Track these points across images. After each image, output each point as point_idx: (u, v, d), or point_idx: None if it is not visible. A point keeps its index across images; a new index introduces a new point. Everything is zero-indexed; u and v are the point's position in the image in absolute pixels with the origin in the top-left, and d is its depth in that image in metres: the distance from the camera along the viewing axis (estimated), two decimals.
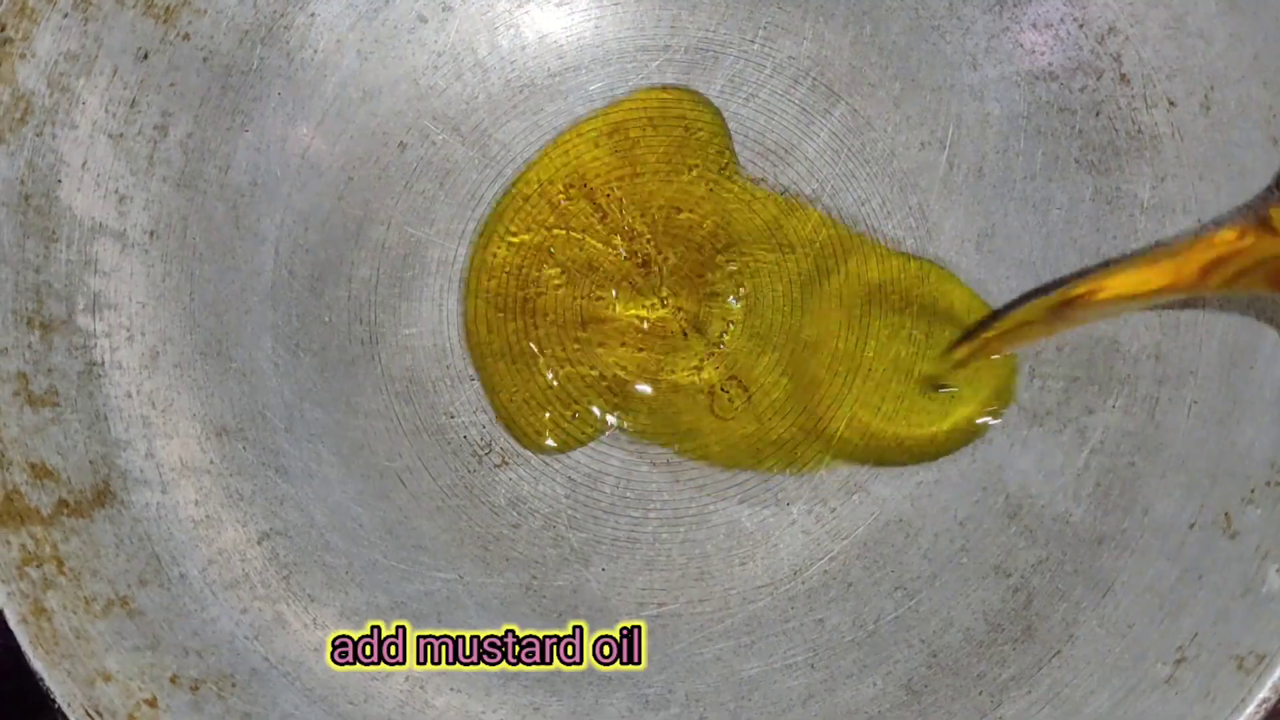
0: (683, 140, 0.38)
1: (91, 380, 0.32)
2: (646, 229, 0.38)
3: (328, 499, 0.35)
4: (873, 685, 0.33)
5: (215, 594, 0.32)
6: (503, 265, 0.38)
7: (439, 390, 0.37)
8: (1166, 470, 0.32)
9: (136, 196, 0.34)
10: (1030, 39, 0.36)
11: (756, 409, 0.37)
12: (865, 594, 0.35)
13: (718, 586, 0.36)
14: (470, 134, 0.38)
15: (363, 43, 0.37)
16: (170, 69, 0.34)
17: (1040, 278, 0.36)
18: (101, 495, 0.31)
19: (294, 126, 0.37)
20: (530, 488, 0.37)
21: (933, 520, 0.35)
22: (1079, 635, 0.31)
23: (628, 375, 0.37)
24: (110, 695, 0.28)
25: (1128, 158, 0.35)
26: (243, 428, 0.35)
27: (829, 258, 0.38)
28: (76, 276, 0.32)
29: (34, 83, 0.31)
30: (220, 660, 0.31)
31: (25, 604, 0.28)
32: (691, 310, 0.37)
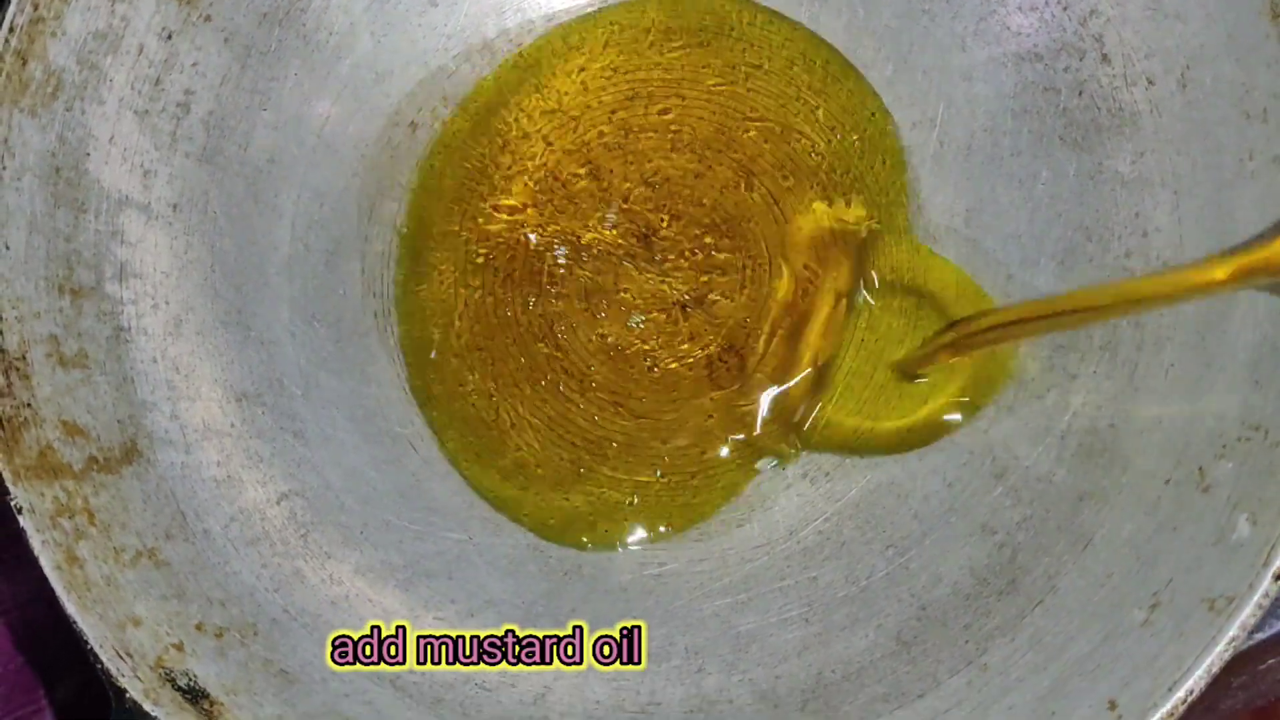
0: (684, 121, 0.40)
1: (119, 344, 0.33)
2: (648, 203, 0.39)
3: (343, 462, 0.37)
4: (865, 637, 0.35)
5: (237, 549, 0.34)
6: (507, 238, 0.39)
7: (450, 360, 0.39)
8: (1144, 430, 0.33)
9: (160, 171, 0.35)
10: (1017, 21, 0.38)
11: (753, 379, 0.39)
12: (857, 552, 0.36)
13: (716, 547, 0.37)
14: (478, 113, 0.40)
15: (375, 25, 0.39)
16: (193, 49, 0.35)
17: (1026, 251, 0.38)
18: (129, 453, 0.33)
19: (310, 106, 0.38)
20: (536, 453, 0.38)
21: (922, 483, 0.37)
22: (1060, 586, 0.33)
23: (631, 346, 0.39)
24: (140, 639, 0.30)
25: (1109, 134, 0.36)
26: (261, 393, 0.36)
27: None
28: (104, 246, 0.34)
29: (64, 60, 0.33)
30: (243, 610, 0.32)
31: (59, 552, 0.30)
32: (690, 282, 0.39)
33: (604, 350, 0.39)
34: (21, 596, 0.36)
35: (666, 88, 0.40)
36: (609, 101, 0.40)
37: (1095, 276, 0.36)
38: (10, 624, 0.36)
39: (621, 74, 0.40)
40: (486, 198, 0.39)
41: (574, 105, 0.40)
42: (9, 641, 0.36)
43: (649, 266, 0.39)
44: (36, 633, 0.36)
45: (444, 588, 0.36)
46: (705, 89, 0.40)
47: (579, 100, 0.40)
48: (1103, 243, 0.36)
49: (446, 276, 0.39)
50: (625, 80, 0.40)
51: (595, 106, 0.40)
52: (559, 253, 0.39)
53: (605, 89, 0.40)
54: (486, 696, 0.34)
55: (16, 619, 0.36)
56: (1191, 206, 0.34)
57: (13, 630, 0.36)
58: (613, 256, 0.39)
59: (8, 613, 0.36)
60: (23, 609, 0.36)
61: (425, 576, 0.36)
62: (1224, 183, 0.33)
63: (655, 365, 0.38)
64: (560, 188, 0.39)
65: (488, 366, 0.39)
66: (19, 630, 0.37)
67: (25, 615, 0.36)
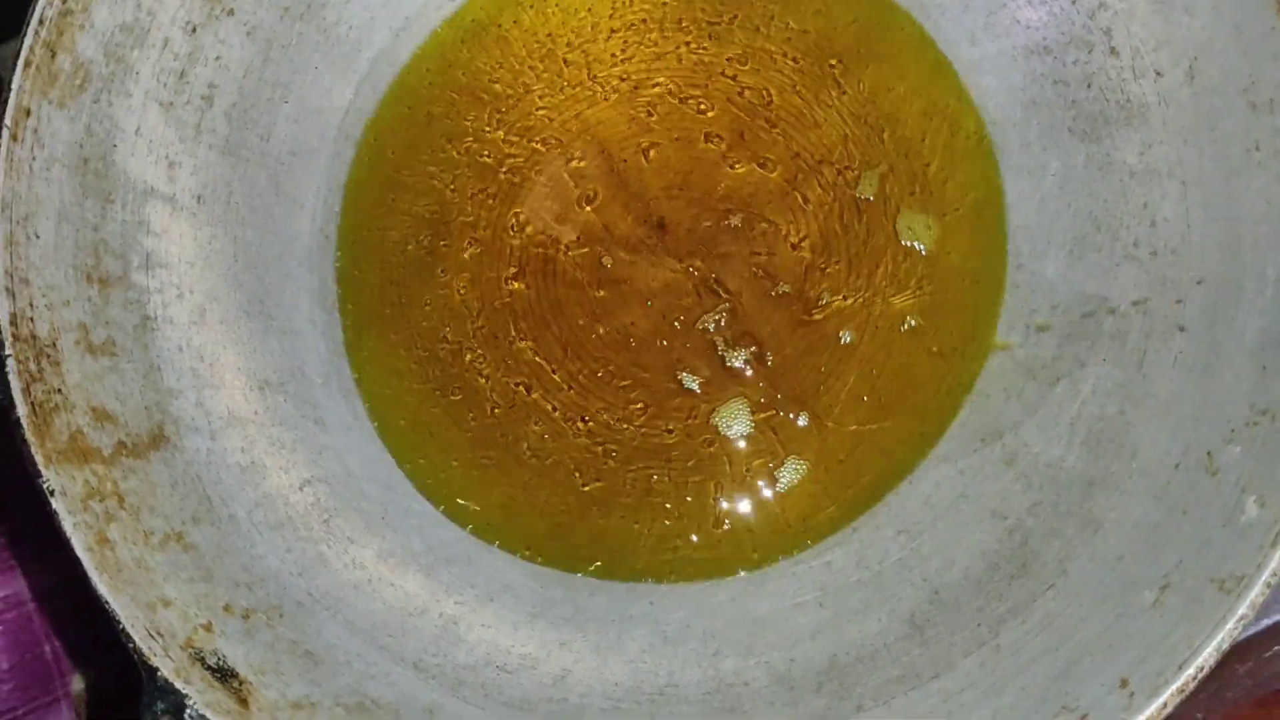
0: (697, 111, 0.40)
1: (146, 333, 0.34)
2: (662, 193, 0.40)
3: (364, 450, 0.38)
4: (878, 621, 0.35)
5: (262, 534, 0.34)
6: (521, 228, 0.40)
7: (465, 350, 0.39)
8: (1153, 416, 0.34)
9: (185, 163, 0.36)
10: (1027, 15, 0.38)
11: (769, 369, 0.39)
12: (870, 538, 0.37)
13: (729, 535, 0.38)
14: (493, 103, 0.40)
15: (394, 19, 0.39)
16: (216, 42, 0.36)
17: (1035, 241, 0.38)
18: (156, 439, 0.33)
19: (330, 99, 0.39)
20: (553, 441, 0.39)
21: (934, 469, 0.37)
22: (1071, 570, 0.33)
23: (644, 334, 0.39)
24: (170, 619, 0.30)
25: (1117, 126, 0.37)
26: (283, 382, 0.37)
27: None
28: (131, 236, 0.34)
29: (92, 53, 0.33)
30: (268, 593, 0.33)
31: (90, 534, 0.30)
32: (704, 270, 0.39)
33: (619, 338, 0.39)
34: (36, 590, 0.36)
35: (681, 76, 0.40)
36: (629, 89, 0.40)
37: (1104, 266, 0.37)
38: (25, 617, 0.37)
39: (636, 63, 0.40)
40: (502, 189, 0.40)
41: (592, 94, 0.40)
42: (24, 634, 0.36)
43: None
44: (52, 625, 0.37)
45: (464, 573, 0.36)
46: (722, 77, 0.40)
47: (598, 91, 0.40)
48: (1111, 232, 0.37)
49: (464, 268, 0.39)
50: (640, 71, 0.40)
51: (618, 94, 0.40)
52: (580, 249, 0.40)
53: (627, 75, 0.40)
54: (508, 679, 0.34)
55: (32, 611, 0.37)
56: (1199, 197, 0.35)
57: (28, 623, 0.37)
58: (626, 244, 0.40)
59: (23, 605, 0.37)
60: (38, 602, 0.36)
61: (446, 562, 0.37)
62: (1231, 173, 0.34)
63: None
64: (576, 177, 0.40)
65: (502, 353, 0.39)
66: (34, 623, 0.37)
67: (40, 608, 0.37)
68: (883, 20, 0.40)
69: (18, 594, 0.36)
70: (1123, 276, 0.36)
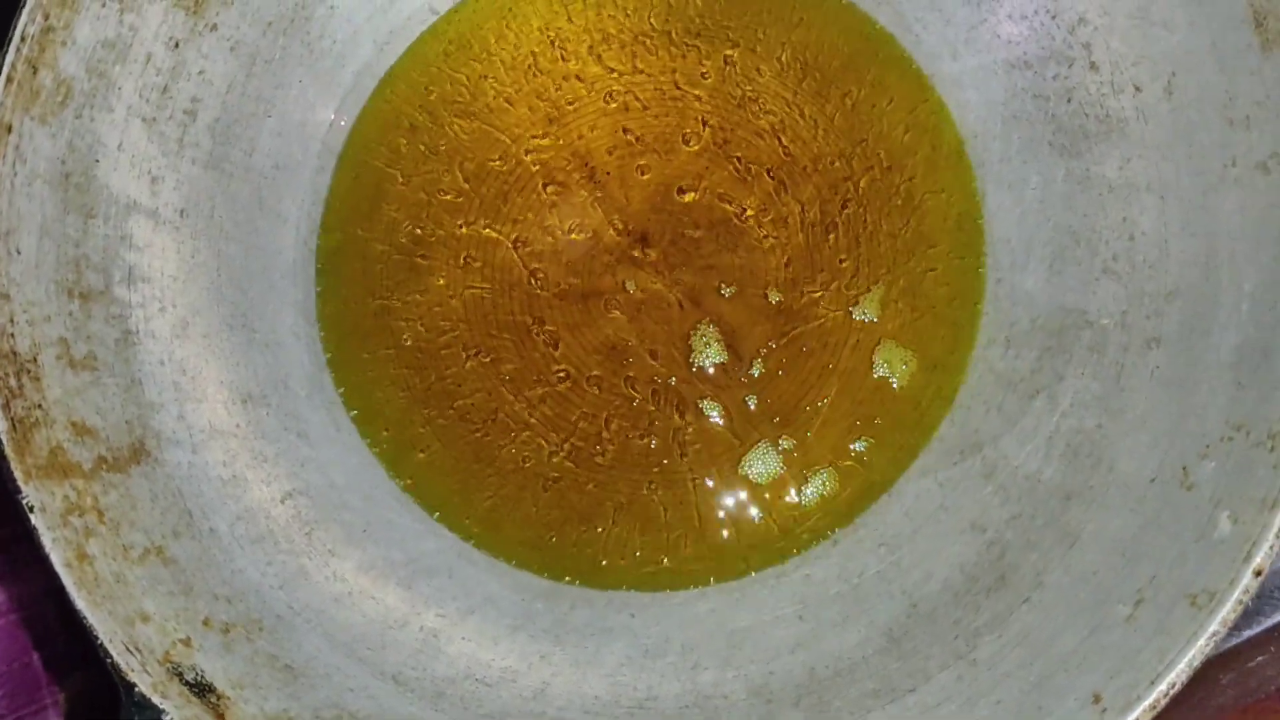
0: (680, 123, 0.41)
1: (127, 347, 0.34)
2: (645, 205, 0.40)
3: (346, 462, 0.38)
4: (856, 634, 0.35)
5: (243, 547, 0.34)
6: (504, 240, 0.40)
7: (449, 362, 0.39)
8: (1130, 430, 0.34)
9: (168, 177, 0.36)
10: (1007, 30, 0.39)
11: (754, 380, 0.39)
12: (850, 551, 0.37)
13: (711, 546, 0.38)
14: (476, 116, 0.40)
15: (377, 33, 0.39)
16: (199, 57, 0.36)
17: (1015, 254, 0.38)
18: (137, 453, 0.33)
19: (313, 112, 0.39)
20: (535, 453, 0.39)
21: (914, 482, 0.38)
22: (1048, 583, 0.33)
23: (628, 346, 0.39)
24: (148, 634, 0.30)
25: (1097, 140, 0.37)
26: (266, 395, 0.37)
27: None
28: (113, 250, 0.34)
29: (74, 69, 0.33)
30: (249, 607, 0.33)
31: (69, 550, 0.30)
32: (688, 282, 0.40)
33: (603, 350, 0.39)
34: (25, 598, 0.37)
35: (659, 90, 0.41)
36: (613, 103, 0.40)
37: (1083, 279, 0.37)
38: (14, 625, 0.37)
39: (618, 76, 0.41)
40: (485, 201, 0.40)
41: (575, 107, 0.40)
42: (13, 642, 0.36)
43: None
44: (41, 633, 0.37)
45: (445, 585, 0.37)
46: (704, 90, 0.40)
47: (580, 103, 0.40)
48: (1090, 246, 0.37)
49: (447, 281, 0.40)
50: (621, 84, 0.41)
51: (601, 108, 0.40)
52: (563, 261, 0.40)
53: (610, 89, 0.41)
54: (487, 691, 0.34)
55: (21, 620, 0.37)
56: (1176, 211, 0.35)
57: (17, 631, 0.37)
58: (609, 256, 0.40)
59: (12, 614, 0.37)
60: (27, 610, 0.37)
61: (427, 574, 0.37)
62: (1208, 188, 0.34)
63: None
64: (558, 190, 0.40)
65: (485, 366, 0.39)
66: (23, 631, 0.37)
67: (29, 616, 0.37)
68: (865, 35, 0.40)
69: (5, 602, 0.36)
70: (1101, 290, 0.36)
